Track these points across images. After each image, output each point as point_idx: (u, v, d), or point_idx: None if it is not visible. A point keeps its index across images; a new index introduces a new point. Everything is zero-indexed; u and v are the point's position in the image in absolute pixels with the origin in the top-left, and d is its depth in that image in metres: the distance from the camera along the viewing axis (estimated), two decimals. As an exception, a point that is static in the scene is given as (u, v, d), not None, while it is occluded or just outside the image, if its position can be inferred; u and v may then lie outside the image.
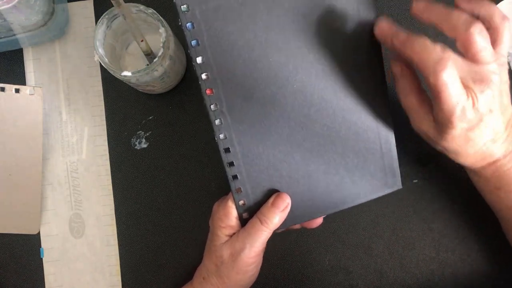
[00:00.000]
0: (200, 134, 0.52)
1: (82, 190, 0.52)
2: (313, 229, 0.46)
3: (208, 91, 0.36)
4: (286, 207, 0.41)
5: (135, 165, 0.52)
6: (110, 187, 0.51)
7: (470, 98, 0.34)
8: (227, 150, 0.38)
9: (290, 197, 0.42)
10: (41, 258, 0.51)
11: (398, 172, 0.44)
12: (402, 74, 0.38)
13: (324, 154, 0.41)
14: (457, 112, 0.34)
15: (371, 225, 0.51)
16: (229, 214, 0.42)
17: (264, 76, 0.37)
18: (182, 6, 0.33)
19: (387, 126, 0.42)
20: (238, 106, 0.37)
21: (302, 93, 0.38)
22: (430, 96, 0.36)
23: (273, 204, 0.41)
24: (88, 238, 0.51)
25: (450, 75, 0.33)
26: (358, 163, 0.42)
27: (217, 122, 0.37)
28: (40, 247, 0.52)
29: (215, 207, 0.44)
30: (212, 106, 0.36)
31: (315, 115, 0.39)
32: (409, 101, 0.38)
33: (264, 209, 0.41)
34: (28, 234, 0.51)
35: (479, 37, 0.33)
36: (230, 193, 0.41)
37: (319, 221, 0.46)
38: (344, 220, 0.51)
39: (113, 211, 0.51)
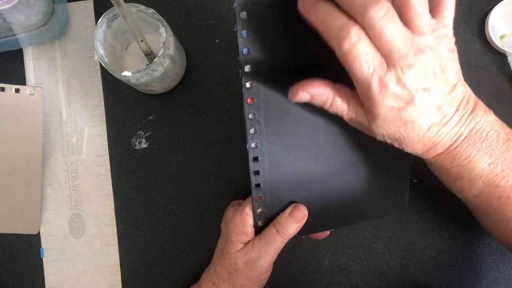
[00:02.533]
0: (200, 134, 0.52)
1: (82, 190, 0.52)
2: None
3: (249, 100, 0.35)
4: (303, 218, 0.41)
5: (135, 165, 0.52)
6: (110, 187, 0.51)
7: (393, 72, 0.30)
8: (255, 159, 0.37)
9: (311, 212, 0.42)
10: (41, 258, 0.51)
11: (407, 195, 0.45)
12: None
13: (346, 173, 0.42)
14: (374, 85, 0.30)
15: (371, 225, 0.51)
16: (245, 221, 0.41)
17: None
18: (241, 13, 0.32)
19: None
20: (274, 117, 0.37)
21: (347, 130, 0.38)
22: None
23: (290, 214, 0.41)
24: (88, 238, 0.51)
25: (356, 44, 0.29)
26: (374, 184, 0.43)
27: (251, 131, 0.36)
28: (40, 247, 0.52)
29: (229, 213, 0.43)
30: (250, 115, 0.36)
31: (346, 135, 0.40)
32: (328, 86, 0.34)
33: (281, 218, 0.41)
34: (28, 234, 0.51)
35: (417, 1, 0.29)
36: (248, 200, 0.41)
37: (326, 233, 0.47)
38: (344, 220, 0.51)
39: (113, 211, 0.51)
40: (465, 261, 0.50)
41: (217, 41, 0.52)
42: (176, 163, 0.52)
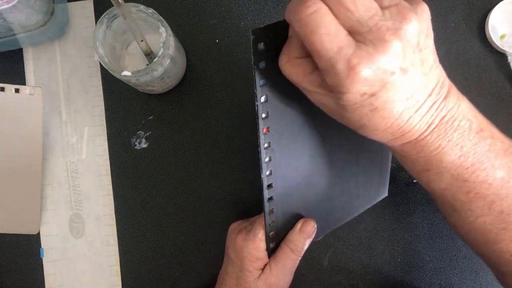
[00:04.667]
0: (200, 134, 0.52)
1: (82, 190, 0.52)
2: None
3: (265, 130, 0.34)
4: (313, 232, 0.41)
5: (135, 165, 0.52)
6: (110, 187, 0.51)
7: (364, 50, 0.26)
8: (269, 186, 0.37)
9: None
10: (41, 258, 0.51)
11: (388, 182, 0.46)
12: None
13: (343, 177, 0.42)
14: (339, 66, 0.26)
15: (371, 225, 0.51)
16: (259, 247, 0.40)
17: (313, 114, 0.36)
18: (259, 44, 0.30)
19: None
20: (285, 142, 0.36)
21: (340, 130, 0.38)
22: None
23: (301, 230, 0.40)
24: (88, 238, 0.51)
25: (315, 13, 0.25)
26: (364, 180, 0.44)
27: (266, 159, 0.36)
28: (40, 247, 0.51)
29: (240, 241, 0.41)
30: (265, 144, 0.35)
31: (344, 144, 0.40)
32: (295, 76, 0.30)
33: (292, 236, 0.40)
34: (28, 234, 0.51)
35: None
36: (258, 224, 0.40)
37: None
38: (344, 220, 0.51)
39: (113, 211, 0.51)
40: (465, 261, 0.50)
41: (217, 41, 0.52)
42: (176, 163, 0.52)
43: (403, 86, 0.27)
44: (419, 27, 0.26)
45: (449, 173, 0.32)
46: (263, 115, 0.34)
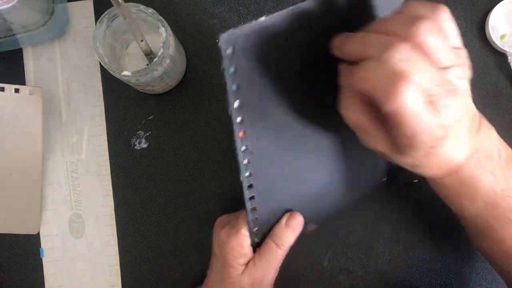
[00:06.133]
0: (200, 134, 0.52)
1: (82, 190, 0.52)
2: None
3: (241, 134, 0.34)
4: (299, 226, 0.41)
5: (135, 165, 0.52)
6: (110, 187, 0.51)
7: (437, 115, 0.27)
8: (250, 186, 0.37)
9: (300, 212, 0.41)
10: (41, 258, 0.51)
11: (385, 165, 0.46)
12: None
13: (334, 167, 0.41)
14: (421, 135, 0.27)
15: (371, 225, 0.51)
16: (243, 243, 0.40)
17: (294, 114, 0.36)
18: (227, 50, 0.30)
19: None
20: (265, 143, 0.36)
21: (332, 121, 0.37)
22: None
23: (287, 224, 0.40)
24: (88, 238, 0.51)
25: (410, 96, 0.25)
26: (360, 168, 0.43)
27: (245, 162, 0.35)
28: (40, 247, 0.51)
29: (223, 235, 0.41)
30: (243, 148, 0.35)
31: (334, 136, 0.39)
32: (356, 117, 0.30)
33: (277, 230, 0.40)
34: (28, 234, 0.51)
35: (430, 34, 0.27)
36: (242, 220, 0.40)
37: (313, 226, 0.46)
38: (344, 220, 0.51)
39: (113, 211, 0.51)
40: (466, 261, 0.50)
41: (217, 41, 0.52)
42: (176, 163, 0.52)
43: (456, 134, 0.29)
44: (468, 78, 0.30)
45: (481, 199, 0.34)
46: (238, 120, 0.33)
